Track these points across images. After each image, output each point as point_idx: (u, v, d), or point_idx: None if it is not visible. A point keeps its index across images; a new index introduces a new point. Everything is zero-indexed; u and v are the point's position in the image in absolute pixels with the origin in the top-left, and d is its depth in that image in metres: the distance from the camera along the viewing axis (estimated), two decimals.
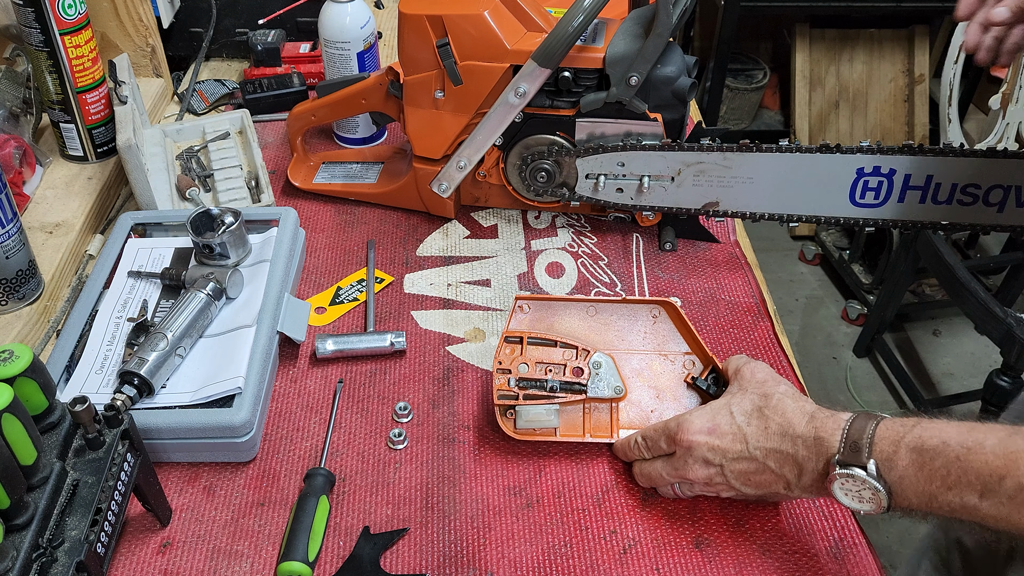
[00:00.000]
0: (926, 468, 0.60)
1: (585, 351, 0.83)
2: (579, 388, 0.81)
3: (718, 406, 0.73)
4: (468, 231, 1.08)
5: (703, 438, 0.71)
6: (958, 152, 0.88)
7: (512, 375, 0.81)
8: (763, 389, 0.73)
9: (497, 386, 0.80)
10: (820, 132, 2.73)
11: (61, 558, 0.60)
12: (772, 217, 0.97)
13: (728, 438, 0.71)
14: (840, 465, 0.64)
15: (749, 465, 0.70)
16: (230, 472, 0.80)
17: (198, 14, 1.37)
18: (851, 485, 0.63)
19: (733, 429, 0.71)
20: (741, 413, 0.71)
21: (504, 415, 0.81)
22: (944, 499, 0.60)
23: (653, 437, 0.76)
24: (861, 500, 0.64)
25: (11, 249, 0.90)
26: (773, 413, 0.70)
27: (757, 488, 0.71)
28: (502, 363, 0.82)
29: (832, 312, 2.58)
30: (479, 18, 0.92)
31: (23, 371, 0.62)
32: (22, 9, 1.01)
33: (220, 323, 0.88)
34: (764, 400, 0.71)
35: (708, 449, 0.71)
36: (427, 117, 1.00)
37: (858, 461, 0.63)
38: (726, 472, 0.71)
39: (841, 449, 0.64)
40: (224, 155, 1.15)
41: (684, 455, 0.73)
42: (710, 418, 0.72)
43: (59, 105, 1.10)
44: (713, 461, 0.71)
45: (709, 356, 0.82)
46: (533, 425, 0.80)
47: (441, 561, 0.73)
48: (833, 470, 0.64)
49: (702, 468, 0.72)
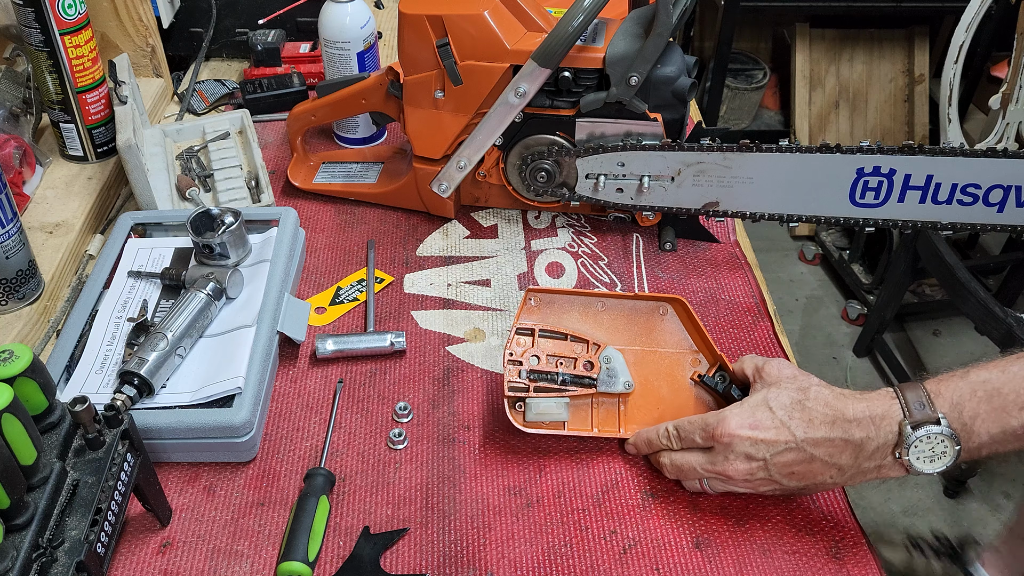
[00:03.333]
0: (995, 400, 0.65)
1: (596, 345, 0.83)
2: (589, 382, 0.81)
3: (754, 403, 0.73)
4: (468, 231, 1.08)
5: (746, 432, 0.71)
6: (958, 152, 0.88)
7: (524, 367, 0.81)
8: (797, 383, 0.73)
9: (507, 377, 0.80)
10: (820, 132, 2.73)
11: (61, 558, 0.60)
12: (772, 217, 0.97)
13: (772, 432, 0.71)
14: (913, 427, 0.66)
15: (796, 456, 0.70)
16: (230, 472, 0.80)
17: (198, 14, 1.37)
18: (926, 445, 0.66)
19: (775, 423, 0.71)
20: (780, 408, 0.71)
21: (514, 407, 0.81)
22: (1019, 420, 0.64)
23: (688, 429, 0.75)
24: (934, 458, 0.67)
25: (11, 249, 0.90)
26: (815, 404, 0.71)
27: (801, 480, 0.71)
28: (513, 355, 0.82)
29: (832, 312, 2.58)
30: (479, 18, 0.92)
31: (23, 371, 0.62)
32: (22, 9, 1.01)
33: (220, 323, 0.88)
34: (802, 394, 0.72)
35: (751, 444, 0.71)
36: (427, 117, 1.00)
37: (930, 417, 0.66)
38: (770, 465, 0.71)
39: (907, 413, 0.67)
40: (224, 155, 1.15)
41: (723, 451, 0.72)
42: (750, 414, 0.72)
43: (59, 105, 1.10)
44: (756, 456, 0.71)
45: (717, 354, 0.82)
46: (543, 418, 0.80)
47: (441, 561, 0.73)
48: (904, 438, 0.66)
49: (743, 463, 0.72)
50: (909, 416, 0.67)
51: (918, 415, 0.66)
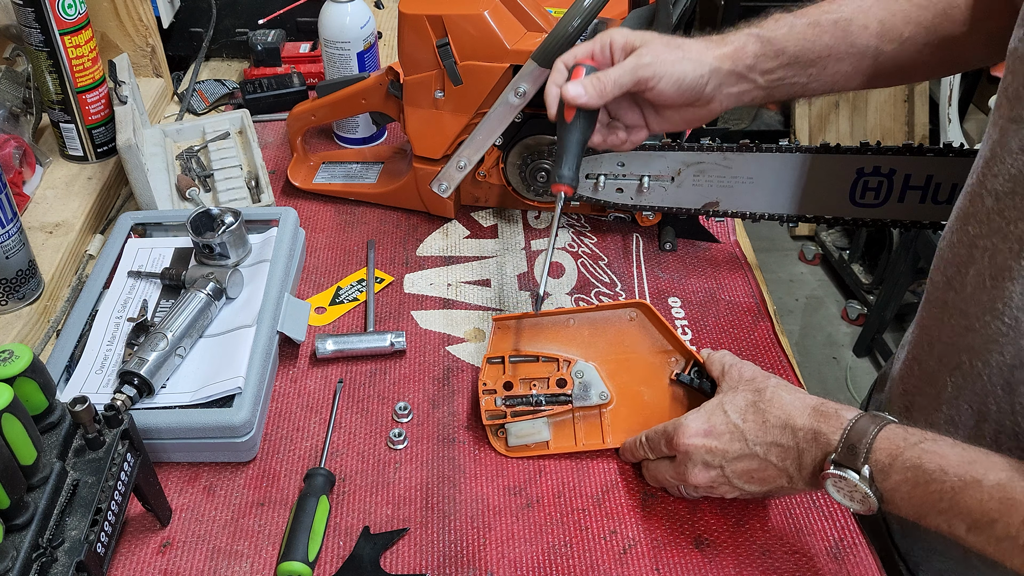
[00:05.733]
0: (919, 489, 0.60)
1: (567, 361, 0.83)
2: (564, 399, 0.81)
3: (711, 407, 0.73)
4: (468, 231, 1.08)
5: (700, 440, 0.71)
6: (958, 152, 0.88)
7: (498, 394, 0.81)
8: (754, 385, 0.72)
9: (484, 407, 0.81)
10: (820, 132, 2.73)
11: (61, 558, 0.60)
12: (772, 217, 0.97)
13: (725, 438, 0.70)
14: (835, 464, 0.63)
15: (751, 463, 0.69)
16: (230, 472, 0.80)
17: (198, 14, 1.37)
18: (843, 485, 0.63)
19: (730, 428, 0.70)
20: (735, 410, 0.71)
21: (495, 435, 0.82)
22: (932, 520, 0.60)
23: (654, 439, 0.76)
24: (852, 500, 0.64)
25: (11, 249, 0.90)
26: (769, 406, 0.69)
27: (761, 484, 0.70)
28: (487, 384, 0.82)
29: (832, 312, 2.59)
30: (479, 18, 0.92)
31: (23, 371, 0.62)
32: (22, 9, 1.01)
33: (220, 323, 0.88)
34: (757, 395, 0.71)
35: (706, 452, 0.71)
36: (427, 117, 1.00)
37: (853, 464, 0.62)
38: (727, 473, 0.70)
39: (839, 448, 0.64)
40: (224, 155, 1.15)
41: (683, 460, 0.72)
42: (705, 419, 0.72)
43: (59, 105, 1.10)
44: (713, 463, 0.71)
45: (688, 351, 0.83)
46: (524, 440, 0.80)
47: (441, 561, 0.73)
48: (828, 468, 0.64)
49: (703, 472, 0.71)
50: (837, 452, 0.64)
51: (844, 456, 0.63)
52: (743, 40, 0.78)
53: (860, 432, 0.63)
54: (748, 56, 0.78)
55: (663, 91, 0.76)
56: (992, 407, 0.67)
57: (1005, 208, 0.62)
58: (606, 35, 0.79)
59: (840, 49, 0.78)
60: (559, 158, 0.79)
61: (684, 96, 0.77)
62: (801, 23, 0.78)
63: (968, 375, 0.68)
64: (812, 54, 0.78)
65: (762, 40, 0.78)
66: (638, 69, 0.75)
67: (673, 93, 0.77)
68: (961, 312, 0.68)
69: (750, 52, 0.78)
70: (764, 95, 0.80)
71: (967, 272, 0.67)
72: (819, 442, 0.66)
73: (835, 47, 0.78)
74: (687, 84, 0.76)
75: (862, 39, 0.78)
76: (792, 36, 0.77)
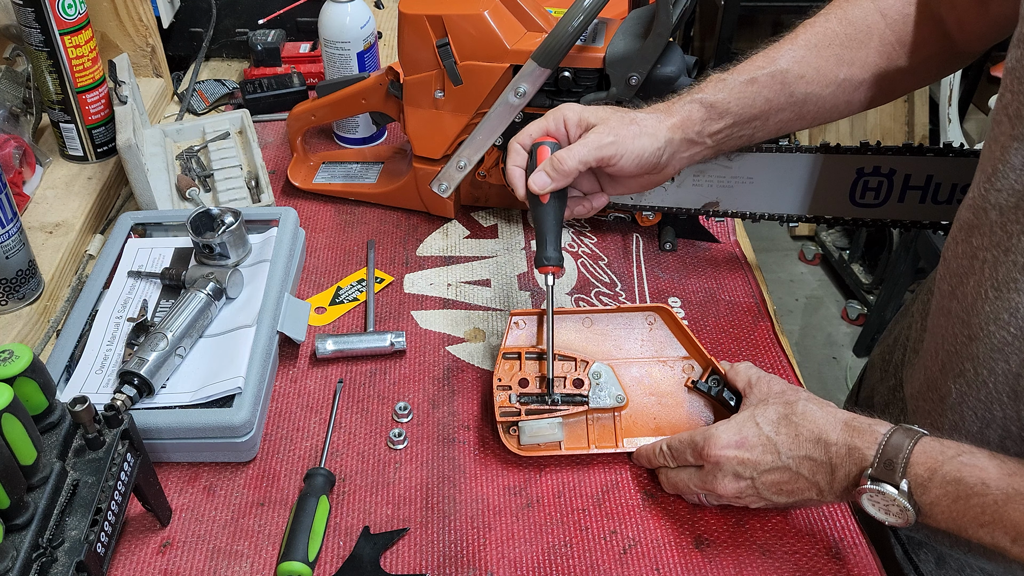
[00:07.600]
0: (961, 503, 0.60)
1: (584, 362, 0.83)
2: (581, 400, 0.81)
3: (742, 419, 0.72)
4: (468, 231, 1.08)
5: (732, 452, 0.71)
6: (958, 152, 0.88)
7: (513, 391, 0.81)
8: (784, 398, 0.73)
9: (498, 403, 0.80)
10: (820, 132, 2.73)
11: (61, 558, 0.60)
12: (772, 217, 0.97)
13: (758, 450, 0.70)
14: (872, 480, 0.63)
15: (782, 475, 0.69)
16: (230, 472, 0.80)
17: (198, 14, 1.37)
18: (880, 499, 0.63)
19: (762, 440, 0.70)
20: (767, 423, 0.71)
21: (507, 432, 0.81)
22: (974, 534, 0.60)
23: (679, 448, 0.75)
24: (888, 513, 0.64)
25: (11, 249, 0.90)
26: (802, 420, 0.69)
27: (789, 496, 0.70)
28: (501, 380, 0.82)
29: (832, 312, 2.59)
30: (479, 18, 0.92)
31: (23, 371, 0.62)
32: (22, 9, 1.01)
33: (220, 323, 0.88)
34: (788, 408, 0.71)
35: (738, 463, 0.70)
36: (427, 117, 1.00)
37: (891, 479, 0.63)
38: (757, 484, 0.70)
39: (875, 463, 0.64)
40: (224, 155, 1.15)
41: (713, 470, 0.72)
42: (736, 431, 0.71)
43: (59, 105, 1.10)
44: (743, 475, 0.71)
45: (708, 358, 0.82)
46: (537, 440, 0.79)
47: (441, 561, 0.73)
48: (864, 483, 0.64)
49: (732, 482, 0.71)
50: (873, 467, 0.64)
51: (881, 471, 0.63)
52: (688, 109, 0.81)
53: (896, 447, 0.63)
54: (696, 122, 0.81)
55: (624, 167, 0.79)
56: (998, 413, 0.67)
57: (1008, 222, 0.63)
58: (558, 112, 0.82)
59: (780, 101, 0.82)
60: (541, 240, 0.80)
61: (643, 168, 0.80)
62: (739, 81, 0.81)
63: (972, 383, 0.69)
64: (754, 109, 0.82)
65: (705, 105, 0.81)
66: (602, 148, 0.78)
67: (633, 167, 0.80)
68: (963, 322, 0.69)
69: (696, 119, 0.81)
70: (714, 152, 0.84)
71: (967, 283, 0.68)
72: (853, 457, 0.66)
73: (774, 100, 0.81)
74: (646, 158, 0.79)
75: (800, 88, 0.81)
76: (733, 97, 0.81)
